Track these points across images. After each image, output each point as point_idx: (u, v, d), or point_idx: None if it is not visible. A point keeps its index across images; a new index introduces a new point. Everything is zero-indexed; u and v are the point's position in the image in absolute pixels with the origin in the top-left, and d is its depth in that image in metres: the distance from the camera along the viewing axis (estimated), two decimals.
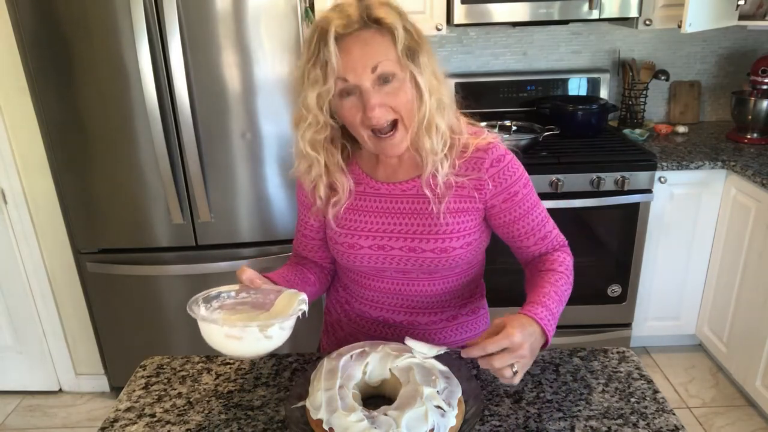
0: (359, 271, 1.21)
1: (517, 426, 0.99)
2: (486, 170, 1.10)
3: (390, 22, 0.97)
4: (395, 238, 1.14)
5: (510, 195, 1.12)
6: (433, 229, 1.12)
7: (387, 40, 0.98)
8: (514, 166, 1.13)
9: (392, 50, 0.98)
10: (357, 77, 0.97)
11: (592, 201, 2.40)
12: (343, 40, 0.96)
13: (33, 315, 2.52)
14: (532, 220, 1.15)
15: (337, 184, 1.13)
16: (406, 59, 0.99)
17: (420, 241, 1.13)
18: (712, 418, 2.39)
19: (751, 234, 2.31)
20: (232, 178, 2.22)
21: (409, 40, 0.99)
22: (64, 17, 2.01)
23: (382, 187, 1.15)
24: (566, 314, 2.80)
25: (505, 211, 1.13)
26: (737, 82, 2.89)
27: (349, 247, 1.17)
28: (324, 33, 0.96)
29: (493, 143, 1.11)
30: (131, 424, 1.04)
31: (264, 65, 2.09)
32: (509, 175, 1.11)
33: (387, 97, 0.99)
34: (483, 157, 1.10)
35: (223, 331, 0.97)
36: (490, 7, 2.41)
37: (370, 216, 1.15)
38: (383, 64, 0.97)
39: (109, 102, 2.11)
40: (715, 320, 2.58)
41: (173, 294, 2.37)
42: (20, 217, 2.36)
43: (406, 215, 1.14)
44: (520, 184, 1.13)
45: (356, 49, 0.96)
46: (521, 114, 2.80)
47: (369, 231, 1.15)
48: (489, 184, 1.11)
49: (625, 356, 1.18)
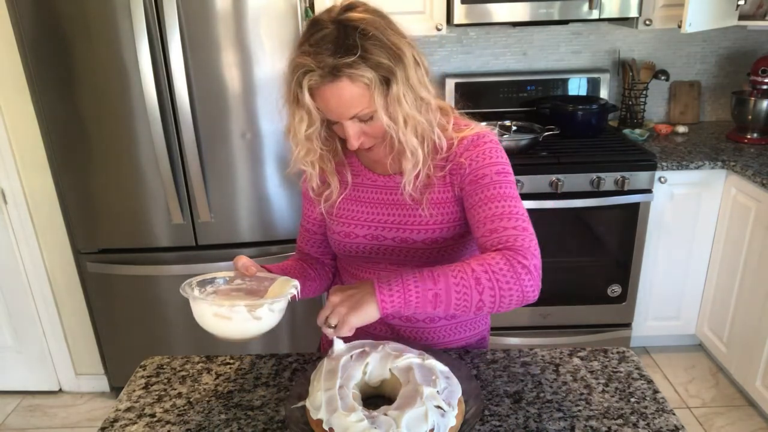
0: (355, 262, 1.24)
1: (517, 426, 0.99)
2: (461, 153, 1.11)
3: (359, 75, 0.97)
4: (388, 229, 1.17)
5: (477, 177, 1.08)
6: (423, 220, 1.15)
7: (360, 87, 0.99)
8: (493, 152, 1.10)
9: (366, 95, 1.00)
10: (338, 118, 1.04)
11: (592, 201, 2.40)
12: (316, 92, 1.00)
13: (33, 315, 2.52)
14: (490, 209, 1.04)
15: (329, 179, 1.18)
16: (381, 101, 1.00)
17: (410, 232, 1.16)
18: (712, 418, 2.39)
19: (751, 234, 2.31)
20: (232, 178, 2.22)
21: (382, 76, 0.99)
22: (64, 17, 2.01)
23: (378, 179, 1.19)
24: (566, 314, 2.82)
25: (470, 194, 1.09)
26: (737, 82, 2.89)
27: (345, 236, 1.20)
28: (300, 85, 1.00)
29: (481, 132, 1.12)
30: (131, 424, 1.04)
31: (264, 65, 2.09)
32: (483, 157, 1.09)
33: (366, 128, 1.05)
34: (462, 143, 1.11)
35: (212, 310, 0.99)
36: (490, 7, 2.41)
37: (366, 206, 1.19)
38: (360, 112, 1.02)
39: (109, 102, 2.11)
40: (715, 320, 2.58)
41: (173, 294, 2.37)
42: (20, 217, 2.36)
43: (398, 206, 1.17)
44: (493, 169, 1.08)
45: (333, 101, 1.00)
46: (521, 114, 2.80)
47: (365, 221, 1.19)
48: (465, 165, 1.10)
49: (625, 356, 1.18)
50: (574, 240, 2.55)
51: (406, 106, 1.02)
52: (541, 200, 2.38)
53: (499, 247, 1.00)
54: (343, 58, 0.96)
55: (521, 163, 2.24)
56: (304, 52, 0.99)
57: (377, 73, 0.98)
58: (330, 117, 1.04)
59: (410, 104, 1.03)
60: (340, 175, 1.19)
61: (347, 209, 1.21)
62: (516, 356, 1.19)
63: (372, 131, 1.06)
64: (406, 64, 1.01)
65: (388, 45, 0.99)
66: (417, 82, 1.03)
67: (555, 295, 2.57)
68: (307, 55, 0.98)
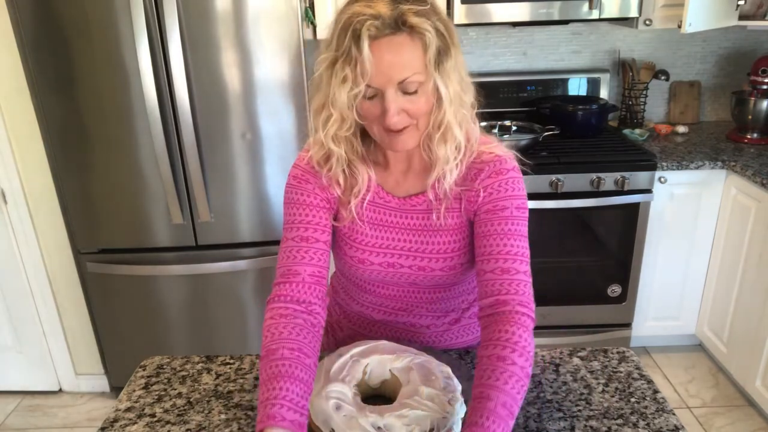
0: (367, 281, 1.19)
1: (517, 426, 0.99)
2: (482, 180, 1.05)
3: (423, 28, 0.92)
4: (405, 257, 1.11)
5: (497, 207, 1.04)
6: (442, 247, 1.09)
7: (417, 47, 0.93)
8: (515, 184, 1.05)
9: (421, 59, 0.94)
10: (383, 85, 0.94)
11: (592, 201, 2.40)
12: (373, 44, 0.91)
13: (33, 315, 2.52)
14: (504, 246, 1.01)
15: (357, 172, 1.07)
16: (433, 68, 0.95)
17: (429, 260, 1.10)
18: (712, 418, 2.39)
19: (751, 234, 2.31)
20: (232, 178, 2.22)
21: (439, 43, 0.94)
22: (64, 17, 2.01)
23: (392, 201, 1.11)
24: (566, 314, 2.81)
25: (485, 221, 1.04)
26: (737, 82, 2.89)
27: (360, 262, 1.13)
28: (357, 34, 0.91)
29: (502, 156, 1.07)
30: (131, 424, 1.04)
31: (264, 65, 2.09)
32: (505, 188, 1.04)
33: (407, 103, 0.96)
34: (483, 168, 1.06)
35: None
36: (490, 7, 2.41)
37: (381, 231, 1.11)
38: (411, 77, 0.94)
39: (109, 102, 2.11)
40: (715, 320, 2.58)
41: (173, 294, 2.37)
42: (20, 217, 2.36)
43: (416, 232, 1.10)
44: (514, 203, 1.04)
45: (387, 57, 0.92)
46: (521, 114, 2.80)
47: (380, 247, 1.11)
48: (480, 193, 1.05)
49: (625, 356, 1.18)
50: (574, 240, 2.55)
51: (456, 84, 0.98)
52: (541, 200, 2.38)
53: (509, 291, 0.98)
54: (411, 5, 0.92)
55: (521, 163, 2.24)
56: (361, 3, 0.93)
57: (436, 37, 0.94)
58: (376, 81, 0.93)
59: (457, 83, 0.98)
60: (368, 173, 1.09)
61: (361, 232, 1.11)
62: None
63: (412, 109, 0.96)
64: (456, 43, 0.98)
65: (443, 18, 0.97)
66: (462, 64, 1.00)
67: (555, 295, 2.57)
68: (366, 5, 0.92)
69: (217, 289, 2.37)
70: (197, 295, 2.37)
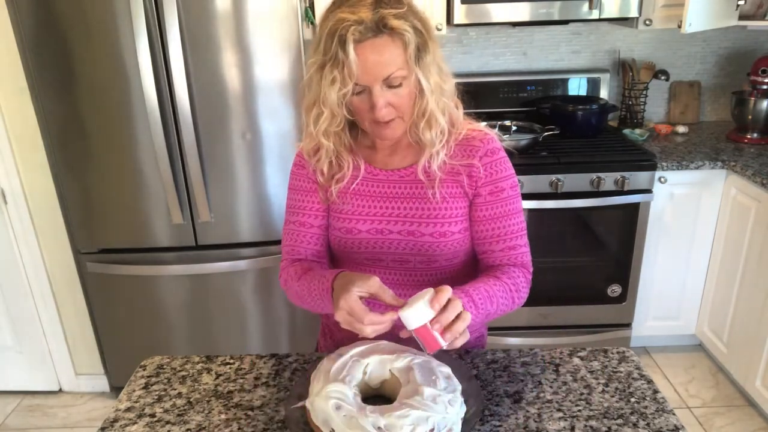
0: (357, 260, 1.22)
1: (517, 426, 0.99)
2: (480, 158, 1.15)
3: (403, 29, 1.01)
4: (393, 222, 1.17)
5: (497, 189, 1.15)
6: (432, 213, 1.16)
7: (398, 46, 1.03)
8: (506, 164, 1.17)
9: (402, 56, 1.03)
10: (369, 82, 1.04)
11: (592, 201, 2.40)
12: (358, 47, 1.01)
13: (33, 315, 2.52)
14: (507, 225, 1.17)
15: (343, 160, 1.17)
16: (414, 63, 1.04)
17: (419, 225, 1.16)
18: (712, 418, 2.39)
19: (751, 234, 2.31)
20: (232, 178, 2.22)
21: (418, 40, 1.04)
22: (64, 17, 2.01)
23: (380, 173, 1.19)
24: (566, 314, 2.82)
25: (488, 204, 1.16)
26: (737, 82, 2.89)
27: (347, 232, 1.19)
28: (343, 40, 1.00)
29: (489, 135, 1.17)
30: (131, 424, 1.04)
31: (264, 65, 2.09)
32: (501, 169, 1.16)
33: (392, 96, 1.06)
34: (478, 145, 1.15)
35: None
36: (490, 7, 2.41)
37: (369, 200, 1.19)
38: (394, 73, 1.03)
39: (109, 102, 2.11)
40: (715, 320, 2.58)
41: (173, 294, 2.37)
42: (20, 217, 2.36)
43: (404, 199, 1.17)
44: (509, 183, 1.17)
45: (371, 58, 1.01)
46: (521, 114, 2.80)
47: (367, 215, 1.18)
48: (481, 171, 1.15)
49: (625, 356, 1.18)
50: (574, 240, 2.55)
51: (435, 76, 1.07)
52: (541, 200, 2.38)
53: (516, 263, 1.17)
54: (390, 9, 1.01)
55: (521, 163, 2.23)
56: (344, 10, 1.02)
57: (415, 36, 1.03)
58: (362, 79, 1.03)
59: (436, 74, 1.08)
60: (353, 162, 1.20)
61: (349, 203, 1.19)
62: (516, 356, 1.19)
63: (398, 102, 1.07)
64: (433, 38, 1.08)
65: (420, 16, 1.07)
66: (440, 56, 1.09)
67: (555, 295, 2.57)
68: (349, 12, 1.01)
69: (217, 289, 2.37)
70: (197, 295, 2.37)
